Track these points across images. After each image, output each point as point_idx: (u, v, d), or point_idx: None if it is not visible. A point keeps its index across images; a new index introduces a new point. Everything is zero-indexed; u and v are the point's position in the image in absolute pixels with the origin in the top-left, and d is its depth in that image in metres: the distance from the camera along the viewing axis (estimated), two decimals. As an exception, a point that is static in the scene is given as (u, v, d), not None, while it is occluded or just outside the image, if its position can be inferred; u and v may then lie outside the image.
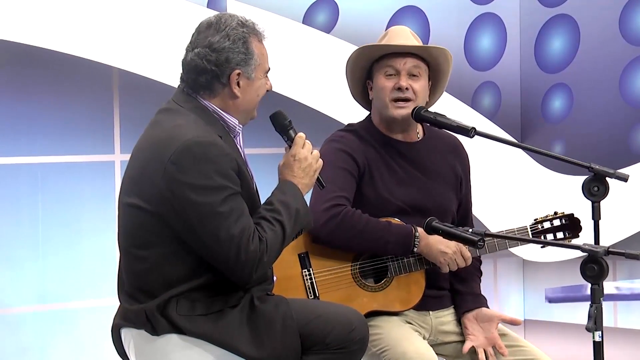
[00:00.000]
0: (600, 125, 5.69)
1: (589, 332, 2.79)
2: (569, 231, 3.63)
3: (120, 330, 3.11)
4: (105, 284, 4.84)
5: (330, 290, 3.49)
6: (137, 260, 3.01)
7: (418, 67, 3.56)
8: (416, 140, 3.66)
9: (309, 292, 3.46)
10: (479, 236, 3.08)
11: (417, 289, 3.55)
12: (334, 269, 3.49)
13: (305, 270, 3.47)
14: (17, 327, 4.88)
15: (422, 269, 3.53)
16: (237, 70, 3.04)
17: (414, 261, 3.52)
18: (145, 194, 2.96)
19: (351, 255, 3.52)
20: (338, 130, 3.70)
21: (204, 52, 3.02)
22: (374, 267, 3.54)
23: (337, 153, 3.56)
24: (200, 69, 3.03)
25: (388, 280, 3.54)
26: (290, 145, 3.15)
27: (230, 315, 2.99)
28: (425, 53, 3.59)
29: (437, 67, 3.63)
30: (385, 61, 3.58)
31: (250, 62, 3.05)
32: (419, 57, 3.58)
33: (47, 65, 4.85)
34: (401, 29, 3.67)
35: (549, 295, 5.98)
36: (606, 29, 5.65)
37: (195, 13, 4.96)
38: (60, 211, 4.94)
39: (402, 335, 3.41)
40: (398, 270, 3.52)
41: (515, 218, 3.86)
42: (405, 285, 3.54)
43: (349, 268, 3.52)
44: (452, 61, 3.64)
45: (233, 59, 3.03)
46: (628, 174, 3.33)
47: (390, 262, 3.52)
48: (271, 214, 3.01)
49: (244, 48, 3.04)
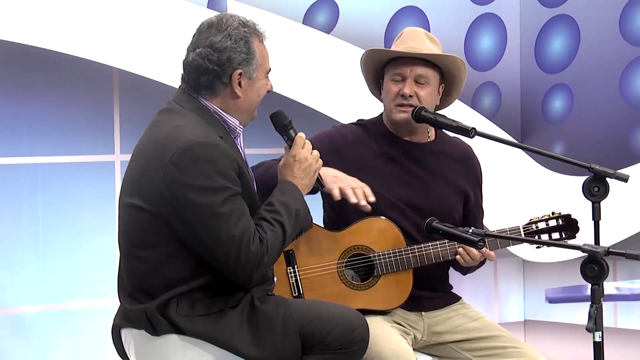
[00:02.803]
0: (600, 125, 5.69)
1: (589, 333, 2.78)
2: (566, 231, 3.62)
3: (120, 331, 3.11)
4: (105, 284, 4.85)
5: (315, 288, 3.48)
6: (137, 261, 3.01)
7: (425, 75, 3.54)
8: (425, 142, 3.66)
9: (293, 290, 3.45)
10: (479, 236, 3.08)
11: (404, 289, 3.54)
12: (319, 267, 3.48)
13: (290, 268, 3.46)
14: (18, 328, 4.88)
15: (410, 268, 3.53)
16: (238, 70, 3.04)
17: (401, 260, 3.52)
18: (146, 195, 2.96)
19: (338, 253, 3.51)
20: (347, 123, 3.71)
21: (205, 52, 3.02)
22: (361, 265, 3.54)
23: (324, 137, 3.59)
24: (202, 69, 3.03)
25: (375, 278, 3.53)
26: (290, 145, 3.15)
27: (230, 316, 2.99)
28: (434, 59, 3.57)
29: (449, 73, 3.61)
30: (394, 65, 3.57)
31: (252, 62, 3.06)
32: (429, 63, 3.56)
33: (47, 65, 4.85)
34: (414, 31, 3.63)
35: (549, 296, 5.98)
36: (606, 29, 5.65)
37: (195, 13, 4.95)
38: (61, 211, 4.94)
39: (380, 335, 3.38)
40: (384, 269, 3.52)
41: (515, 218, 3.86)
42: (391, 284, 3.53)
43: (335, 266, 3.52)
44: (464, 67, 3.60)
45: (235, 59, 3.03)
46: (628, 174, 3.33)
47: (377, 260, 3.52)
48: (271, 214, 3.01)
49: (245, 48, 3.04)
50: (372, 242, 3.53)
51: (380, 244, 3.53)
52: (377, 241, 3.53)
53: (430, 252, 3.54)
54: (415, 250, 3.53)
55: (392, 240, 3.53)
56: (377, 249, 3.53)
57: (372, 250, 3.53)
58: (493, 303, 6.12)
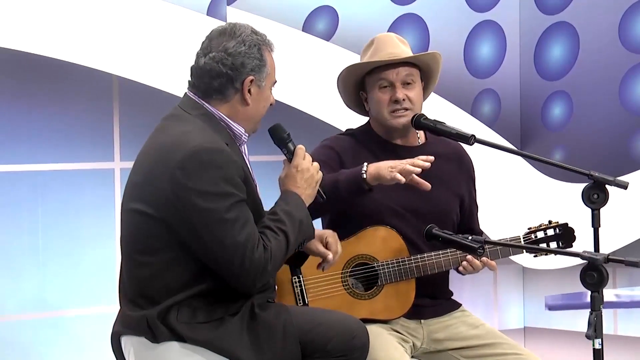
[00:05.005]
0: (600, 132, 5.69)
1: (589, 340, 2.79)
2: (563, 241, 3.62)
3: (120, 338, 3.11)
4: (104, 292, 4.85)
5: (319, 297, 3.48)
6: (139, 266, 3.01)
7: (410, 74, 3.58)
8: (416, 145, 3.67)
9: (298, 299, 3.45)
10: (479, 243, 3.08)
11: (406, 299, 3.54)
12: (323, 276, 3.48)
13: (295, 277, 3.46)
14: (17, 335, 4.88)
15: (413, 278, 3.53)
16: (250, 77, 3.05)
17: (404, 269, 3.52)
18: (150, 200, 2.96)
19: (342, 262, 3.51)
20: (337, 134, 3.72)
21: (219, 56, 3.03)
22: (364, 275, 3.54)
23: (321, 148, 3.61)
24: (215, 73, 3.04)
25: (378, 288, 3.53)
26: (289, 157, 3.15)
27: (230, 323, 2.98)
28: (416, 60, 3.60)
29: (428, 69, 3.64)
30: (377, 74, 3.58)
31: (263, 70, 3.07)
32: (409, 64, 3.59)
33: (47, 72, 4.85)
34: (387, 37, 3.66)
35: (549, 303, 5.97)
36: (606, 36, 5.66)
37: (195, 21, 4.96)
38: (60, 218, 4.94)
39: (377, 342, 3.36)
40: (388, 278, 3.52)
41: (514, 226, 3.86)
42: (394, 294, 3.53)
43: (339, 275, 3.52)
44: (441, 60, 3.64)
45: (248, 64, 3.04)
46: (628, 182, 3.33)
47: (380, 269, 3.52)
48: (275, 223, 3.01)
49: (258, 54, 3.06)
50: (375, 251, 3.53)
51: (383, 253, 3.53)
52: (380, 250, 3.53)
53: (433, 261, 3.54)
54: (418, 259, 3.53)
55: (395, 249, 3.53)
56: (381, 258, 3.53)
57: (375, 260, 3.53)
58: (493, 310, 6.12)
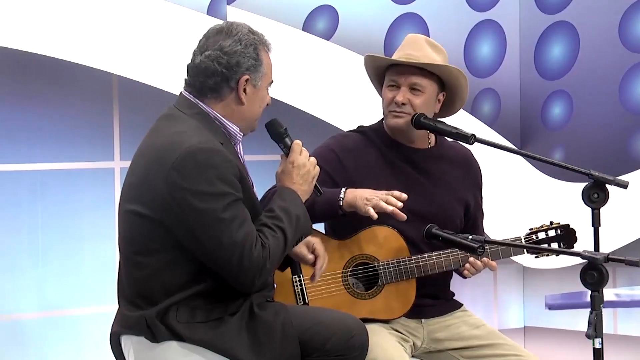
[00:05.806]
0: (600, 132, 5.69)
1: (589, 339, 2.78)
2: (564, 242, 3.62)
3: (119, 338, 3.10)
4: (104, 291, 4.84)
5: (320, 296, 3.48)
6: (137, 267, 3.01)
7: (420, 82, 3.54)
8: (425, 147, 3.66)
9: (298, 298, 3.45)
10: (479, 243, 3.08)
11: (407, 299, 3.54)
12: (324, 275, 3.47)
13: (296, 277, 3.46)
14: (17, 334, 4.88)
15: (413, 278, 3.53)
16: (245, 76, 3.04)
17: (405, 269, 3.52)
18: (147, 201, 2.96)
19: (343, 261, 3.51)
20: (347, 130, 3.71)
21: (215, 55, 3.03)
22: (365, 274, 3.54)
23: (325, 150, 3.59)
24: (211, 71, 3.03)
25: (379, 288, 3.53)
26: (286, 152, 3.14)
27: (229, 323, 2.98)
28: (429, 68, 3.56)
29: (449, 82, 3.60)
30: (391, 72, 3.58)
31: (259, 70, 3.07)
32: (425, 71, 3.54)
33: (47, 71, 4.85)
34: (415, 39, 3.62)
35: (549, 302, 5.97)
36: (606, 35, 5.65)
37: (195, 20, 4.96)
38: (60, 218, 4.94)
39: (377, 342, 3.36)
40: (388, 278, 3.51)
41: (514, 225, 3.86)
42: (394, 294, 3.53)
43: (340, 275, 3.52)
44: (463, 77, 3.57)
45: (244, 64, 3.04)
46: (628, 181, 3.33)
47: (381, 269, 3.52)
48: (272, 220, 3.01)
49: (254, 54, 3.05)
50: (376, 251, 3.53)
51: (384, 253, 3.53)
52: (381, 250, 3.53)
53: (434, 261, 3.54)
54: (419, 259, 3.53)
55: (396, 248, 3.53)
56: (382, 257, 3.53)
57: (376, 260, 3.53)
58: (493, 309, 6.12)
